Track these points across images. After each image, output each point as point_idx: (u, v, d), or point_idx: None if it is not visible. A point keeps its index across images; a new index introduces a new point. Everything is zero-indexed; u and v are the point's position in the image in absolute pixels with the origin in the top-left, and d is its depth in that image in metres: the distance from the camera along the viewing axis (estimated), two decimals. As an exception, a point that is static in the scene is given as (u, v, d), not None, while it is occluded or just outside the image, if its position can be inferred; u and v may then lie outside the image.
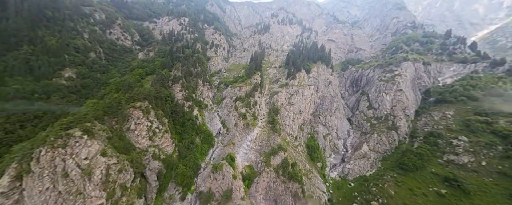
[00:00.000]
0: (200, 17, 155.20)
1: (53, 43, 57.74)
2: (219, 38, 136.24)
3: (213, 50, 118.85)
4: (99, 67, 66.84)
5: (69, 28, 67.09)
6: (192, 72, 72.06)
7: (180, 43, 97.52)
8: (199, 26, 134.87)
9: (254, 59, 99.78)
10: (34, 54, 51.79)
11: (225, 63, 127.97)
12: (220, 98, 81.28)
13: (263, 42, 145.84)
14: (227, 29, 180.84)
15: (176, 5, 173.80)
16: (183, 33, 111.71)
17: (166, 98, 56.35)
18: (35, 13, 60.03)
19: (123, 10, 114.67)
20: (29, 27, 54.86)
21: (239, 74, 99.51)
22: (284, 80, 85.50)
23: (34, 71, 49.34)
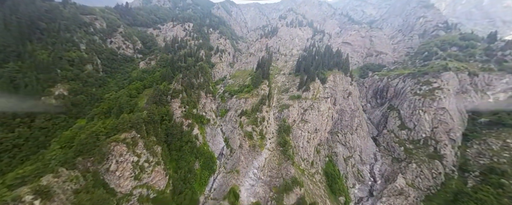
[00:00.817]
0: (205, 21, 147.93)
1: (44, 58, 52.02)
2: (224, 43, 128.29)
3: (218, 56, 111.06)
4: (94, 81, 60.75)
5: (64, 39, 61.44)
6: (194, 84, 64.39)
7: (183, 51, 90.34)
8: (204, 31, 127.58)
9: (261, 65, 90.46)
10: (21, 71, 46.19)
11: (230, 68, 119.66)
12: (224, 109, 73.15)
13: (271, 46, 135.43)
14: (233, 32, 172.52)
15: (183, 9, 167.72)
16: (187, 40, 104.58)
17: (163, 117, 48.96)
18: (27, 25, 54.81)
19: (127, 17, 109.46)
20: (17, 41, 49.62)
21: (244, 81, 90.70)
22: (295, 91, 74.69)
23: (19, 90, 43.77)
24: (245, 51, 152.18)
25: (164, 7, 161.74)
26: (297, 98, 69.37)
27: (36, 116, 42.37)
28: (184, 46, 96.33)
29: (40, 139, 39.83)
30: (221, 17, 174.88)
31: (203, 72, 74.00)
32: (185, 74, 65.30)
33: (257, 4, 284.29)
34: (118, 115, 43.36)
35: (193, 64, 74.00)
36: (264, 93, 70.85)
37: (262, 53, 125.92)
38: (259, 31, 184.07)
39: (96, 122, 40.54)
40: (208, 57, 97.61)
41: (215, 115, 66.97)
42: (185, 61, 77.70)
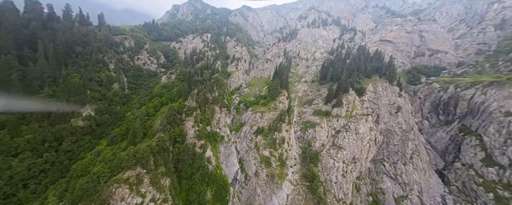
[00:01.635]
0: (223, 30, 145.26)
1: (76, 81, 54.46)
2: (240, 50, 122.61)
3: (234, 64, 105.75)
4: (119, 99, 61.77)
5: (95, 61, 64.67)
6: (208, 99, 59.86)
7: (200, 63, 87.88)
8: (221, 40, 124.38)
9: (279, 73, 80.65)
10: (55, 95, 48.84)
11: (246, 76, 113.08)
12: (239, 123, 66.64)
13: (289, 50, 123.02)
14: (249, 38, 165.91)
15: (203, 20, 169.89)
16: (205, 51, 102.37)
17: (175, 139, 45.14)
18: (63, 51, 58.91)
19: (153, 33, 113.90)
20: (53, 67, 53.13)
21: (261, 91, 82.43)
22: (322, 105, 61.24)
23: (51, 114, 45.83)
24: (261, 56, 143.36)
25: (187, 20, 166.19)
26: (325, 115, 56.07)
27: (64, 139, 43.22)
28: (202, 58, 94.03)
29: (64, 163, 40.00)
30: (238, 24, 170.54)
31: (218, 84, 69.03)
32: (200, 89, 61.21)
33: (274, 6, 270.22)
34: (132, 140, 40.89)
35: (208, 78, 69.83)
36: (283, 107, 61.26)
37: (280, 59, 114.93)
38: (276, 34, 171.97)
39: (111, 148, 38.82)
40: (224, 67, 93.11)
41: (230, 130, 60.92)
42: (202, 74, 74.28)
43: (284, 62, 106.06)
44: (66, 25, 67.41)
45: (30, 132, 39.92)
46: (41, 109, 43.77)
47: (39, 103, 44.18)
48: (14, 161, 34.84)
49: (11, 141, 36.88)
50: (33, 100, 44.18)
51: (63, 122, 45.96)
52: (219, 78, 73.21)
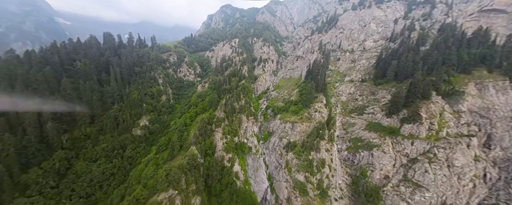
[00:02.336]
0: (250, 31, 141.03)
1: (135, 96, 65.21)
2: (267, 50, 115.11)
3: (261, 66, 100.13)
4: (166, 109, 69.88)
5: (148, 78, 75.55)
6: (235, 108, 58.40)
7: (229, 70, 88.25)
8: (248, 42, 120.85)
9: (313, 73, 68.72)
10: (121, 109, 59.72)
11: (273, 77, 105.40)
12: (267, 132, 61.73)
13: (327, 42, 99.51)
14: (277, 34, 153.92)
15: (232, 25, 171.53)
16: (233, 57, 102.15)
17: (206, 151, 45.92)
18: (127, 72, 71.51)
19: (191, 45, 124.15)
20: (120, 87, 65.14)
21: (290, 95, 73.68)
22: (381, 117, 43.29)
23: (119, 126, 56.21)
24: (290, 53, 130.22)
25: (218, 28, 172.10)
26: (389, 133, 38.45)
27: (127, 147, 51.96)
28: (230, 64, 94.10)
29: (127, 168, 47.84)
30: (265, 22, 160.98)
31: (244, 92, 66.47)
32: (228, 99, 60.49)
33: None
34: (171, 152, 44.06)
35: (235, 86, 68.37)
36: (321, 117, 50.91)
37: (314, 54, 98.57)
38: (309, 24, 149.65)
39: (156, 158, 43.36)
40: (250, 71, 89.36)
41: (258, 140, 57.39)
42: (229, 82, 73.80)
43: (320, 58, 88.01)
44: (129, 50, 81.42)
45: (105, 141, 49.63)
46: (112, 122, 53.92)
47: (111, 118, 54.53)
48: (94, 166, 43.82)
49: (93, 149, 46.79)
50: (106, 114, 54.98)
51: (126, 132, 55.41)
52: (245, 85, 70.49)
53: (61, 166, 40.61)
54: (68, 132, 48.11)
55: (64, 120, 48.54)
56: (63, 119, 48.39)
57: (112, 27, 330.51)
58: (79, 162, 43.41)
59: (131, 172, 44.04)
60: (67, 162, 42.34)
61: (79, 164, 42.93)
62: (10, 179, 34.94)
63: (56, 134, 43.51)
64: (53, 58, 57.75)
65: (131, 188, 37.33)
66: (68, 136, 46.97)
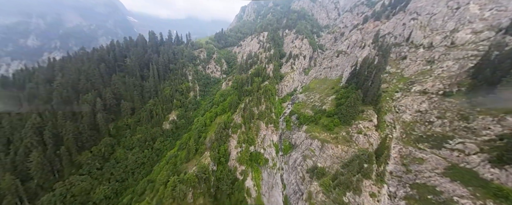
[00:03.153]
0: (282, 23, 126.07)
1: (167, 92, 68.91)
2: (300, 44, 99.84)
3: (290, 64, 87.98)
4: (192, 106, 71.47)
5: (180, 74, 78.53)
6: (254, 114, 52.45)
7: (253, 68, 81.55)
8: (278, 35, 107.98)
9: (360, 76, 52.28)
10: (155, 104, 64.15)
11: (303, 76, 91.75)
12: (288, 142, 53.06)
13: (387, 33, 70.60)
14: (314, 23, 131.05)
15: (263, 16, 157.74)
16: (259, 53, 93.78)
17: (220, 159, 43.08)
18: (163, 69, 76.05)
19: (221, 41, 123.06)
20: (156, 83, 69.85)
21: (323, 102, 59.45)
22: (479, 160, 26.16)
23: (153, 119, 60.68)
24: (330, 46, 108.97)
25: (249, 20, 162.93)
26: (494, 194, 23.23)
27: (156, 139, 55.56)
28: (255, 61, 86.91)
29: (154, 159, 51.11)
30: (301, 10, 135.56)
31: (266, 95, 59.07)
32: (247, 102, 54.94)
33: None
34: (187, 155, 43.30)
35: (256, 88, 61.62)
36: (367, 143, 36.34)
37: (365, 50, 69.28)
38: (361, 8, 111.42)
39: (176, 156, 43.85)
40: (276, 70, 79.52)
41: (276, 150, 50.32)
42: (251, 82, 67.50)
43: (373, 55, 62.70)
44: (166, 47, 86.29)
45: (140, 132, 54.07)
46: (147, 114, 58.29)
47: (147, 112, 58.98)
48: (129, 154, 48.15)
49: (130, 139, 51.61)
50: (144, 108, 59.73)
51: (157, 125, 59.25)
52: (268, 87, 62.52)
53: (105, 151, 46.47)
54: (114, 121, 54.59)
55: (112, 110, 55.11)
56: (111, 110, 54.95)
57: (166, 24, 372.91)
58: (119, 149, 48.71)
59: (155, 166, 46.30)
60: (111, 148, 48.16)
61: (119, 151, 48.18)
62: (70, 158, 41.74)
63: (105, 123, 49.64)
64: (107, 56, 65.49)
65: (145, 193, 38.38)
66: (113, 125, 53.31)
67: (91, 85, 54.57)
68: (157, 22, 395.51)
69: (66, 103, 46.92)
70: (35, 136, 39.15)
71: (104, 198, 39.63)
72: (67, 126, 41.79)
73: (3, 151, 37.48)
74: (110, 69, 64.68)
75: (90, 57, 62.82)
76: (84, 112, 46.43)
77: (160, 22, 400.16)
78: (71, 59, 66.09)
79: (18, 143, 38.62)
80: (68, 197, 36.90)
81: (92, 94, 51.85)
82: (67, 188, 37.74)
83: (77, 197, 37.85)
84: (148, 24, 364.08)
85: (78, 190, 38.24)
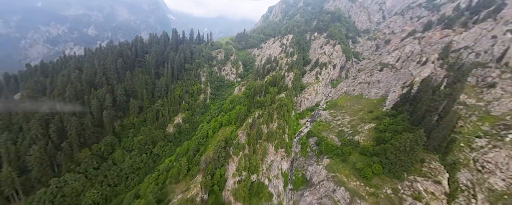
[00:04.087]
0: (311, 25, 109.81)
1: (177, 93, 64.84)
2: (330, 50, 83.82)
3: (315, 73, 73.96)
4: (200, 109, 65.80)
5: (194, 75, 73.79)
6: (262, 134, 42.81)
7: (271, 75, 70.89)
8: (305, 39, 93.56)
9: (419, 106, 36.92)
10: (163, 104, 60.64)
11: (330, 89, 76.60)
12: (301, 175, 41.35)
13: (464, 47, 51.85)
14: (351, 27, 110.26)
15: (291, 17, 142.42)
16: (280, 58, 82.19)
17: (213, 186, 35.14)
18: (177, 68, 72.46)
19: (242, 42, 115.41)
20: (168, 82, 66.42)
21: (355, 129, 44.67)
22: None
23: (158, 120, 57.17)
24: (370, 55, 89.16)
25: (274, 21, 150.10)
26: None
27: (157, 143, 51.57)
28: (274, 67, 75.94)
29: (150, 166, 46.93)
30: (336, 11, 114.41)
31: (281, 112, 48.34)
32: (256, 118, 45.47)
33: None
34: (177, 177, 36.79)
35: (270, 100, 51.27)
36: None
37: (427, 67, 50.02)
38: (418, 11, 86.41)
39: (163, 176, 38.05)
40: (298, 79, 67.02)
41: (284, 183, 39.68)
42: (265, 92, 57.37)
43: (440, 75, 44.55)
44: (185, 46, 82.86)
45: (142, 133, 50.65)
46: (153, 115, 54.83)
47: (154, 112, 55.56)
48: (127, 156, 44.72)
49: (132, 139, 48.50)
50: (152, 107, 56.47)
51: (162, 127, 55.36)
52: (284, 101, 51.44)
53: (105, 150, 44.04)
54: (122, 118, 52.47)
55: (121, 107, 53.01)
56: (121, 106, 52.89)
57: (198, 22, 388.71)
58: (118, 150, 45.93)
59: (147, 177, 41.60)
60: (111, 147, 45.59)
61: (118, 152, 45.38)
62: (71, 153, 39.98)
63: (110, 121, 47.41)
64: (129, 51, 64.21)
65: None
66: (120, 122, 51.04)
67: (106, 80, 53.25)
68: (190, 20, 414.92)
69: (77, 97, 45.87)
70: (41, 128, 38.46)
71: (93, 203, 36.51)
72: (72, 121, 39.95)
73: (12, 139, 37.48)
74: (129, 64, 63.49)
75: (113, 51, 62.34)
76: (92, 108, 44.48)
77: (193, 20, 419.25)
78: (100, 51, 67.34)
79: (26, 133, 38.24)
80: (58, 197, 34.66)
81: (105, 89, 50.12)
82: (60, 186, 35.69)
83: (67, 197, 35.56)
84: (182, 21, 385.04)
85: (69, 190, 35.98)
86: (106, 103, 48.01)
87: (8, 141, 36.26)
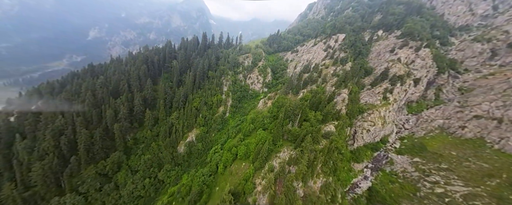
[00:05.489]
0: (371, 19, 77.74)
1: (195, 105, 54.96)
2: (410, 56, 52.83)
3: (382, 90, 46.72)
4: (217, 125, 53.98)
5: (216, 84, 62.02)
6: (294, 198, 24.27)
7: (309, 89, 49.76)
8: (363, 39, 65.47)
9: None
10: (179, 118, 51.90)
11: (408, 116, 47.52)
12: None
13: None
14: (438, 21, 70.57)
15: (338, 13, 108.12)
16: (324, 66, 58.74)
17: None
18: (201, 76, 62.89)
19: (274, 45, 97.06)
20: (189, 91, 57.29)
21: None
22: None
23: (171, 136, 48.68)
24: (479, 65, 51.98)
25: (316, 19, 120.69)
26: None
27: (164, 166, 42.73)
28: (314, 79, 53.89)
29: (151, 195, 38.04)
30: (413, 0, 76.79)
31: (330, 160, 28.02)
32: (284, 167, 27.19)
33: None
34: None
35: (311, 134, 31.38)
36: None
37: None
38: None
39: None
40: (355, 98, 42.82)
41: None
42: (300, 121, 37.29)
43: None
44: (213, 50, 73.11)
45: (151, 151, 42.60)
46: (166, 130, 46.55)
47: (167, 125, 47.33)
48: (130, 179, 37.08)
49: (139, 158, 41.08)
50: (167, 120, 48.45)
51: (172, 146, 46.43)
52: (335, 142, 30.43)
53: (110, 169, 37.72)
54: (136, 130, 46.47)
55: (138, 118, 46.99)
56: (137, 117, 46.87)
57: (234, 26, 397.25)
58: (124, 169, 39.17)
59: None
60: (117, 166, 39.27)
61: (122, 173, 38.59)
62: (78, 168, 35.19)
63: (121, 134, 41.37)
64: (157, 57, 59.03)
65: None
66: (133, 135, 45.03)
67: (128, 88, 48.42)
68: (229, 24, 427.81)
69: (97, 104, 41.75)
70: (53, 140, 35.13)
71: (82, 237, 29.95)
72: (82, 134, 34.95)
73: (30, 148, 35.51)
74: (153, 71, 58.15)
75: (140, 57, 58.48)
76: (107, 118, 39.12)
77: (231, 24, 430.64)
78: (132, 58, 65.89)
79: (40, 143, 35.63)
80: (51, 224, 29.40)
81: (124, 97, 44.79)
82: (57, 209, 30.58)
83: (60, 225, 30.04)
84: (222, 25, 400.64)
85: (64, 216, 30.29)
86: (120, 115, 42.35)
87: (25, 150, 34.81)
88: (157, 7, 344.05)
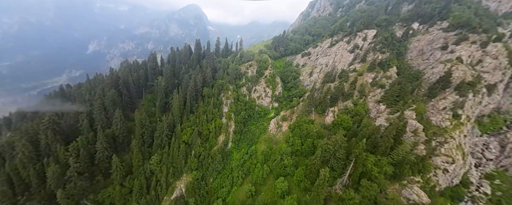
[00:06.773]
0: (399, 10, 60.19)
1: (185, 138, 38.91)
2: (473, 54, 34.41)
3: (450, 105, 27.72)
4: (216, 165, 37.30)
5: (213, 105, 45.72)
6: None
7: (341, 106, 32.78)
8: (395, 35, 47.75)
9: None
10: (161, 163, 35.76)
11: (484, 139, 27.77)
12: None
13: None
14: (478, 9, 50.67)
15: (350, 7, 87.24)
16: (357, 73, 41.69)
17: None
18: (193, 95, 46.62)
19: (280, 48, 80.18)
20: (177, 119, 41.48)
21: None
22: None
23: (149, 193, 32.93)
24: None
25: (322, 16, 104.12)
26: None
27: None
28: (344, 93, 36.83)
29: None
30: None
31: None
32: None
33: None
34: None
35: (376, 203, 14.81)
36: None
37: None
38: None
39: None
40: (427, 125, 25.73)
41: None
42: (356, 176, 20.61)
43: None
44: (208, 61, 56.92)
45: None
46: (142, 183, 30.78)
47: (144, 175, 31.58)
48: None
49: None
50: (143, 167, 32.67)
51: (158, 200, 30.64)
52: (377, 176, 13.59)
53: None
54: (99, 187, 30.67)
55: (101, 168, 31.24)
56: (100, 166, 31.12)
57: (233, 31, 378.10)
58: None
59: None
60: None
61: None
62: None
63: (68, 203, 25.40)
64: (127, 78, 42.96)
65: None
66: (93, 197, 29.19)
67: (90, 125, 32.75)
68: (227, 29, 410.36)
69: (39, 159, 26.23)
70: None
71: None
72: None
73: None
74: (129, 96, 42.40)
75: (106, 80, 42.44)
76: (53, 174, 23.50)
77: (229, 29, 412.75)
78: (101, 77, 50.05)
79: None
80: None
81: (80, 141, 29.16)
82: None
83: None
84: (220, 31, 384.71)
85: None
86: (69, 171, 26.61)
87: None
88: (155, 16, 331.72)
